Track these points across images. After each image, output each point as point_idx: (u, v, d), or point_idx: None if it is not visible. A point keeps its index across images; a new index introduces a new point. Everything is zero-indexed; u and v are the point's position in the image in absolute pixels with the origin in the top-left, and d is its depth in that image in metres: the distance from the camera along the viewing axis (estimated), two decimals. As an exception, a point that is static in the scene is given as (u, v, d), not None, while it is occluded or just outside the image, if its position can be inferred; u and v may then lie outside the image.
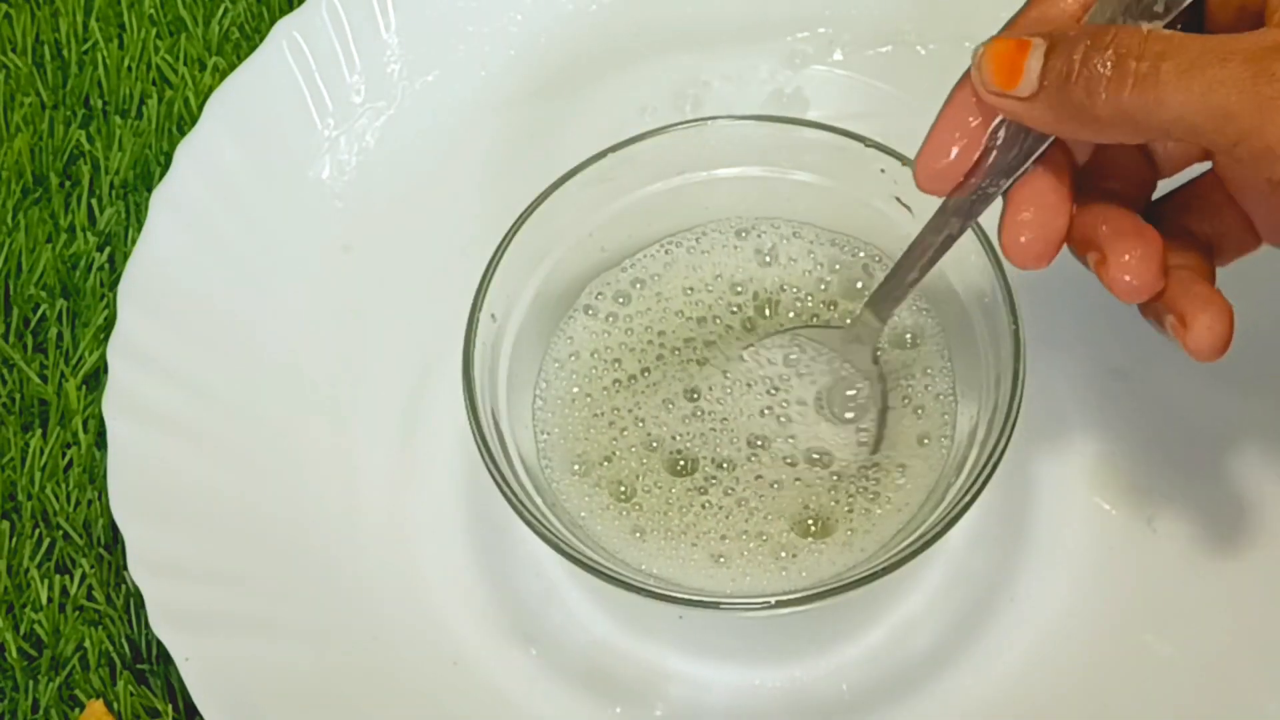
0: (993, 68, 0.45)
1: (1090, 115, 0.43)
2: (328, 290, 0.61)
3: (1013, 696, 0.53)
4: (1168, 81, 0.42)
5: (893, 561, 0.49)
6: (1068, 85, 0.43)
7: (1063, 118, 0.44)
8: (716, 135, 0.56)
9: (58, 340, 0.62)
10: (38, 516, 0.59)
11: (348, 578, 0.56)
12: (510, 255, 0.54)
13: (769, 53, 0.66)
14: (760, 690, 0.54)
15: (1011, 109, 0.45)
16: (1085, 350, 0.59)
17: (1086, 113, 0.43)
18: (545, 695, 0.54)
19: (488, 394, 0.53)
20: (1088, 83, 0.43)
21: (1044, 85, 0.44)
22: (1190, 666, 0.53)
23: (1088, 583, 0.55)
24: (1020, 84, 0.44)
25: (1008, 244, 0.47)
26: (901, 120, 0.62)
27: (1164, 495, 0.56)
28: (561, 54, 0.66)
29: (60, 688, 0.56)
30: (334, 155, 0.63)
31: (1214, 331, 0.46)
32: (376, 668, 0.54)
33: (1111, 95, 0.43)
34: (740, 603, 0.50)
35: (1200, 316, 0.46)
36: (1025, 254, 0.47)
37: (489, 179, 0.63)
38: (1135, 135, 0.45)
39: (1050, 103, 0.44)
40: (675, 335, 0.56)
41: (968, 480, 0.50)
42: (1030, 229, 0.47)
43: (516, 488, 0.51)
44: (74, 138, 0.67)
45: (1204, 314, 0.46)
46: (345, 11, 0.64)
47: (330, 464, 0.58)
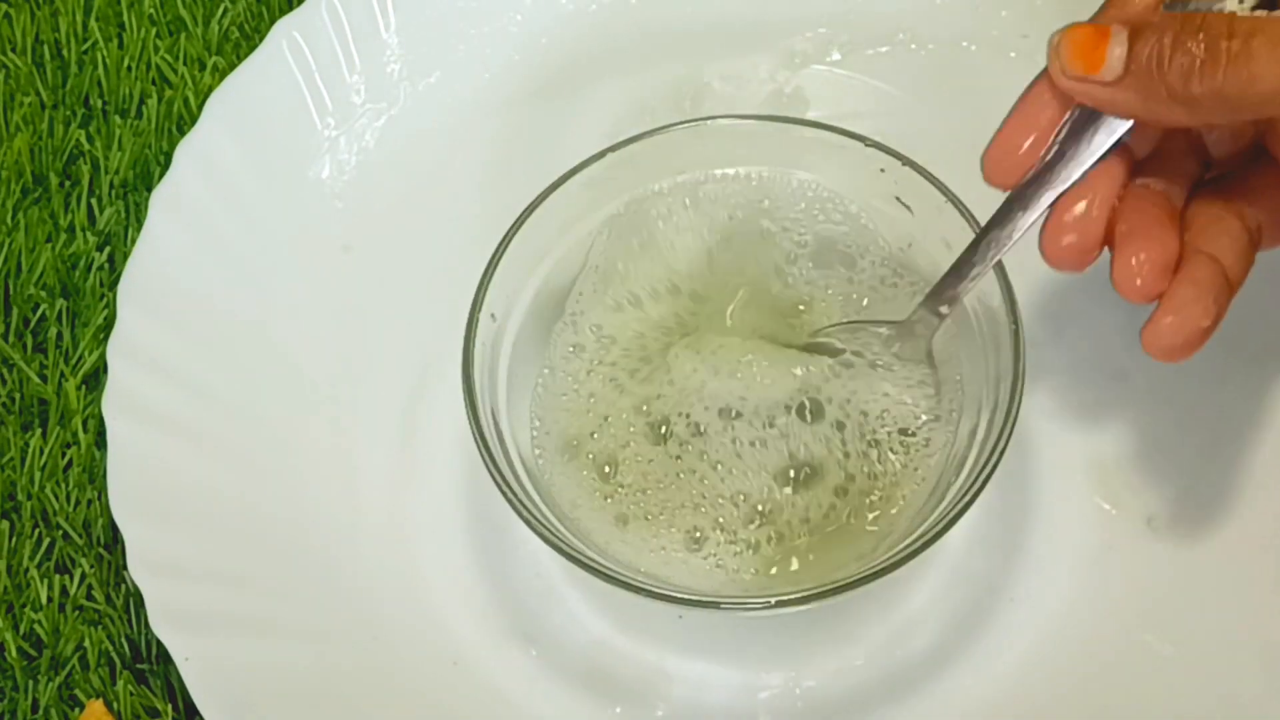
0: (1071, 53, 0.46)
1: (1183, 97, 0.44)
2: (328, 290, 0.61)
3: (1013, 696, 0.53)
4: (1261, 57, 0.42)
5: (893, 561, 0.49)
6: (1160, 68, 0.44)
7: (1152, 101, 0.45)
8: (716, 135, 0.56)
9: (58, 340, 0.62)
10: (38, 516, 0.59)
11: (348, 578, 0.56)
12: (510, 255, 0.54)
13: (769, 52, 0.66)
14: (760, 690, 0.54)
15: (1094, 94, 0.46)
16: (1085, 350, 0.59)
17: (1179, 95, 0.44)
18: (545, 695, 0.54)
19: (487, 394, 0.53)
20: (1182, 64, 0.43)
21: (1130, 69, 0.45)
22: (1190, 666, 0.53)
23: (1088, 583, 0.55)
24: (1104, 69, 0.45)
25: (1049, 245, 0.47)
26: (901, 120, 0.62)
27: (1164, 495, 0.56)
28: (561, 54, 0.66)
29: (60, 687, 0.56)
30: (334, 155, 0.63)
31: (1172, 334, 0.46)
32: (376, 668, 0.54)
33: (1207, 75, 0.43)
34: (740, 602, 0.50)
35: (1167, 315, 0.46)
36: (1068, 257, 0.47)
37: (489, 179, 0.63)
38: (1228, 115, 0.45)
39: (1138, 86, 0.45)
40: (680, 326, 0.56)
41: (968, 480, 0.50)
42: (1074, 231, 0.47)
43: (517, 488, 0.51)
44: (74, 137, 0.67)
45: (1172, 315, 0.46)
46: (345, 11, 0.64)
47: (330, 464, 0.58)
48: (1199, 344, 0.46)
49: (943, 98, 0.64)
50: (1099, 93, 0.46)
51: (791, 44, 0.66)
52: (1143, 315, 0.58)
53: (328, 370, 0.60)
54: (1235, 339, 0.57)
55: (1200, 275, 0.46)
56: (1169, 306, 0.46)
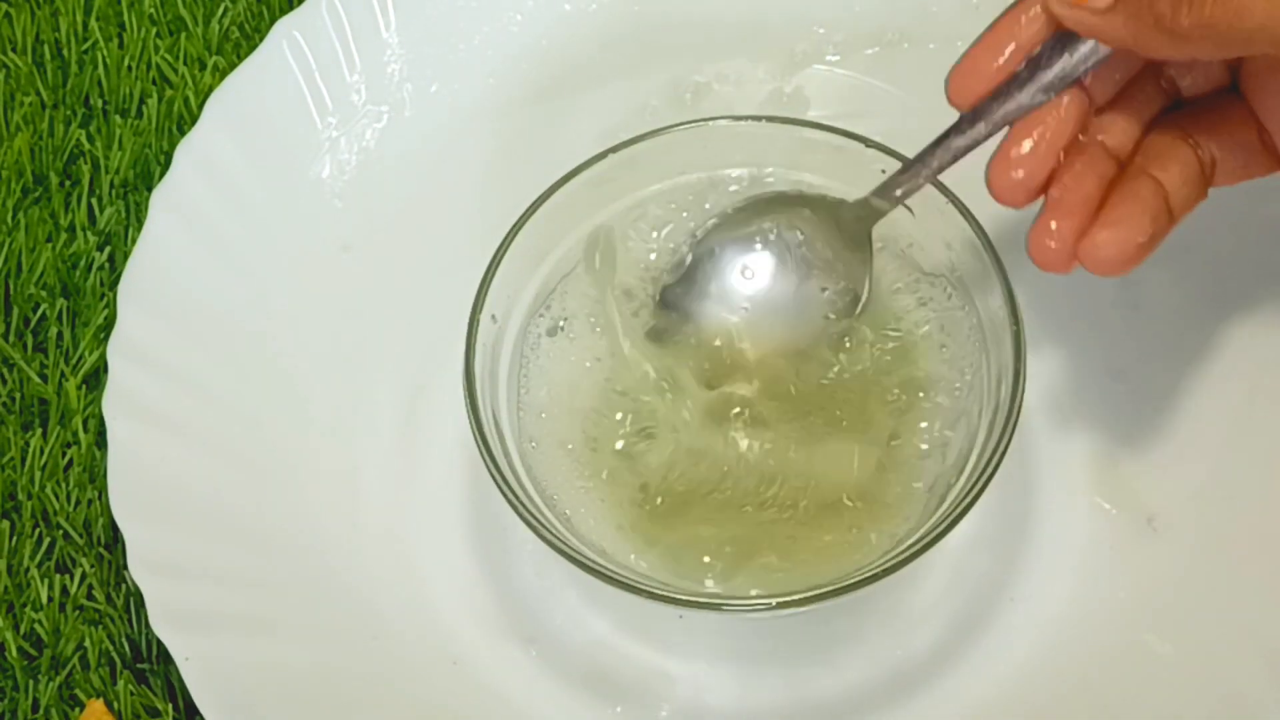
0: None
1: (1171, 27, 0.44)
2: (328, 290, 0.61)
3: (1014, 696, 0.53)
4: None
5: (894, 562, 0.49)
6: (1150, 1, 0.44)
7: (1141, 31, 0.45)
8: (717, 136, 0.56)
9: (58, 340, 0.62)
10: (38, 516, 0.59)
11: (348, 577, 0.56)
12: (511, 256, 0.54)
13: (768, 52, 0.66)
14: (761, 691, 0.54)
15: (1084, 21, 0.46)
16: (1085, 350, 0.59)
17: (1167, 25, 0.44)
18: (545, 695, 0.54)
19: (488, 394, 0.53)
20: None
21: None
22: (1191, 666, 0.53)
23: (1088, 582, 0.55)
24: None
25: (997, 175, 0.48)
26: (901, 120, 0.62)
27: (1164, 495, 0.56)
28: (561, 54, 0.66)
29: (60, 687, 0.56)
30: (334, 155, 0.63)
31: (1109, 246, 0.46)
32: (376, 668, 0.54)
33: (1195, 6, 0.43)
34: (741, 604, 0.50)
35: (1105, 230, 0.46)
36: (1013, 191, 0.48)
37: (489, 178, 0.63)
38: (1215, 49, 0.45)
39: (1128, 14, 0.45)
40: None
41: (969, 482, 0.50)
42: (1025, 165, 0.47)
43: (517, 488, 0.51)
44: (74, 137, 0.67)
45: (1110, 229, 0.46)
46: (345, 11, 0.64)
47: (330, 463, 0.58)
48: (1134, 260, 0.47)
49: (942, 98, 0.64)
50: (1089, 20, 0.46)
51: (791, 44, 0.66)
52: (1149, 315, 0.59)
53: (328, 370, 0.60)
54: (1236, 338, 0.57)
55: (1142, 193, 0.47)
56: (1106, 219, 0.47)
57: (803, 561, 0.52)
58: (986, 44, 0.49)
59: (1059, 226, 0.47)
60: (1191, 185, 0.48)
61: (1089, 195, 0.47)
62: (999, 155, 0.48)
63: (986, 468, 0.50)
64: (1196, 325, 0.58)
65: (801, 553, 0.52)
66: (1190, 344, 0.58)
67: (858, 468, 0.53)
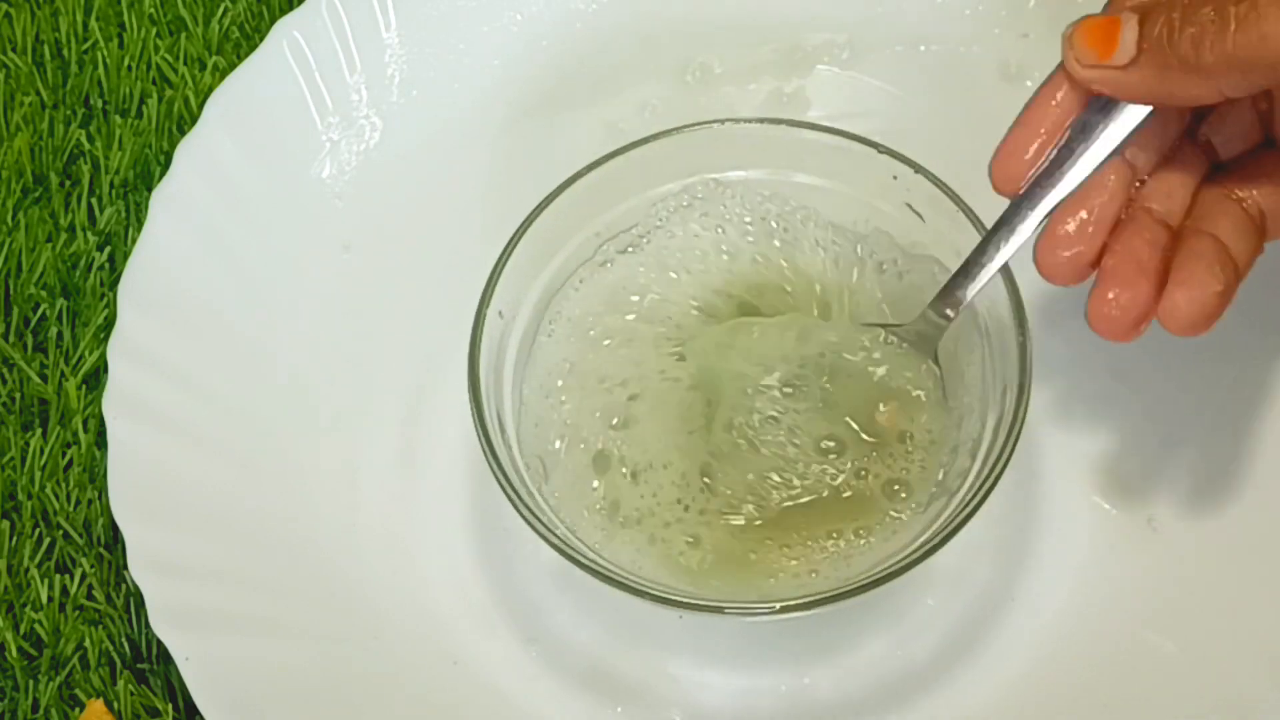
0: (1085, 42, 0.46)
1: (1196, 67, 0.44)
2: (328, 289, 0.61)
3: (1015, 696, 0.53)
4: (1270, 16, 0.43)
5: (896, 567, 0.49)
6: (1171, 43, 0.44)
7: (1167, 76, 0.45)
8: (726, 138, 0.56)
9: (58, 340, 0.62)
10: (38, 516, 0.59)
11: (348, 577, 0.56)
12: (518, 254, 0.54)
13: (769, 52, 0.66)
14: (762, 693, 0.54)
15: (1110, 80, 0.46)
16: (1085, 351, 0.58)
17: (1192, 66, 0.44)
18: (545, 695, 0.54)
19: (493, 393, 0.53)
20: (1193, 35, 0.44)
21: (1143, 49, 0.45)
22: (1192, 665, 0.53)
23: (1088, 582, 0.55)
24: (1117, 53, 0.46)
25: (1045, 255, 0.48)
26: (902, 120, 0.62)
27: (1164, 495, 0.56)
28: (562, 54, 0.66)
29: (60, 687, 0.56)
30: (334, 155, 0.63)
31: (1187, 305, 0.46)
32: (377, 667, 0.54)
33: (1217, 40, 0.43)
34: (743, 607, 0.49)
35: (1179, 290, 0.46)
36: (1062, 270, 0.48)
37: (488, 178, 0.63)
38: (1243, 81, 0.45)
39: (1153, 64, 0.45)
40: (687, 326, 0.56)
41: (971, 489, 0.50)
42: (1072, 244, 0.48)
43: (520, 488, 0.51)
44: (74, 137, 0.67)
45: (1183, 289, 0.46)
46: (345, 11, 0.64)
47: (331, 463, 0.58)
48: (1215, 314, 0.46)
49: (943, 98, 0.64)
50: (1114, 78, 0.46)
51: (792, 44, 0.66)
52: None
53: (328, 369, 0.60)
54: (1236, 339, 0.57)
55: (1204, 249, 0.47)
56: (1178, 279, 0.47)
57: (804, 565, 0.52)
58: (1023, 126, 0.49)
59: (1117, 296, 0.47)
60: (1246, 237, 0.48)
61: (1143, 261, 0.47)
62: (1045, 235, 0.48)
63: (989, 476, 0.50)
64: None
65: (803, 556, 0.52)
66: (1190, 345, 0.58)
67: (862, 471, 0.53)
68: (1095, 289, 0.47)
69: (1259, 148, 0.50)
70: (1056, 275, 0.48)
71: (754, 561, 0.52)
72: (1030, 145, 0.48)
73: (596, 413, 0.54)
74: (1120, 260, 0.47)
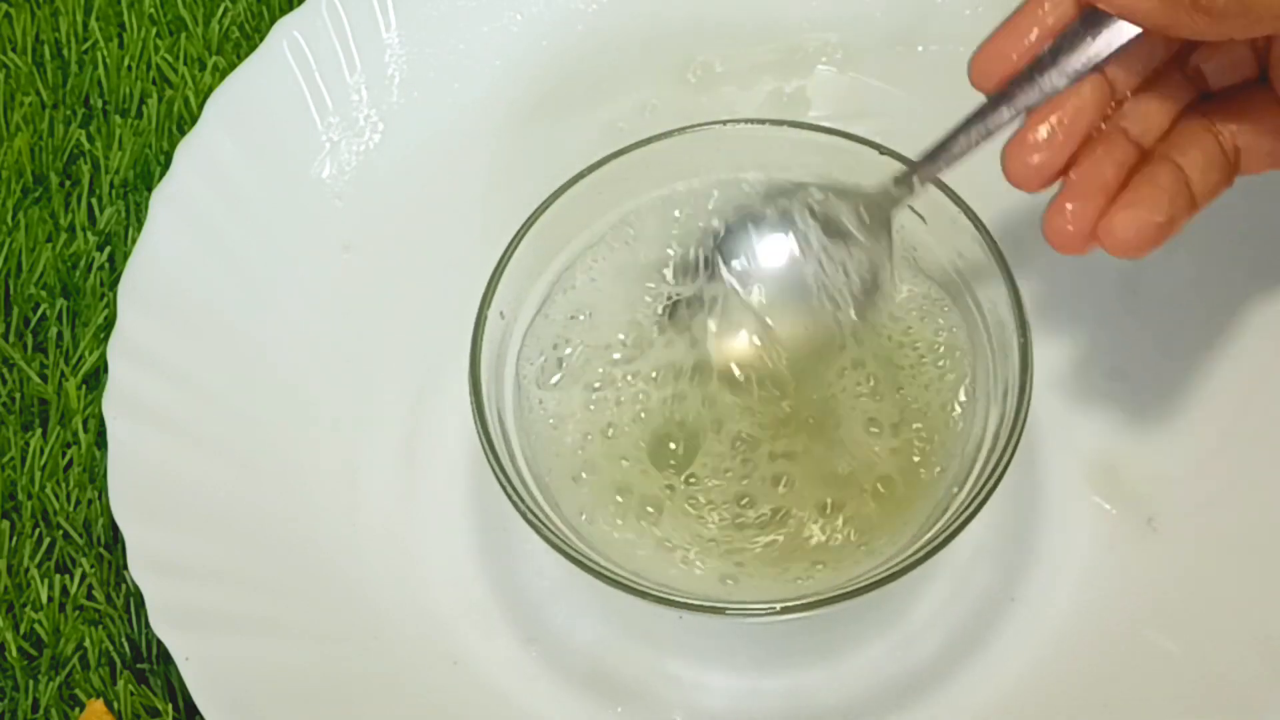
0: None
1: (1206, 7, 0.44)
2: (328, 289, 0.61)
3: (1016, 696, 0.53)
4: None
5: (896, 569, 0.49)
6: None
7: (1175, 9, 0.45)
8: (729, 139, 0.56)
9: (58, 340, 0.62)
10: (38, 516, 0.59)
11: (348, 577, 0.56)
12: (519, 255, 0.54)
13: (769, 53, 0.66)
14: (762, 693, 0.54)
15: (1118, 1, 0.46)
16: (1085, 350, 0.59)
17: (1202, 5, 0.44)
18: (545, 695, 0.54)
19: (494, 393, 0.53)
20: None
21: None
22: (1192, 664, 0.53)
23: (1088, 582, 0.55)
24: None
25: (1013, 159, 0.48)
26: (902, 120, 0.62)
27: (1164, 495, 0.56)
28: (562, 55, 0.66)
29: (60, 687, 0.56)
30: (334, 155, 0.63)
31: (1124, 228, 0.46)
32: (377, 667, 0.54)
33: None
34: (744, 608, 0.49)
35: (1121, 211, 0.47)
36: (1028, 176, 0.48)
37: (489, 178, 0.63)
38: (1251, 26, 0.45)
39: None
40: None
41: (972, 491, 0.50)
42: (1041, 150, 0.47)
43: (521, 490, 0.51)
44: (74, 137, 0.67)
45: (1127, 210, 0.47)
46: (345, 11, 0.64)
47: (331, 462, 0.58)
48: (1153, 241, 0.47)
49: (942, 98, 0.63)
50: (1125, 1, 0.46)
51: (792, 45, 0.66)
52: (1149, 316, 0.59)
53: (329, 369, 0.60)
54: (1236, 339, 0.57)
55: (1161, 177, 0.47)
56: (1124, 200, 0.47)
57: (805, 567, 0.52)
58: (1010, 28, 0.49)
59: (1074, 208, 0.47)
60: (1214, 171, 0.48)
61: (1107, 180, 0.47)
62: (1015, 140, 0.48)
63: (990, 477, 0.50)
64: (1197, 326, 0.58)
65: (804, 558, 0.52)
66: (1190, 344, 0.58)
67: (863, 473, 0.53)
68: (1055, 199, 0.47)
69: (1249, 82, 0.50)
70: (1021, 179, 0.48)
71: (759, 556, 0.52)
72: (1015, 47, 0.48)
73: (599, 412, 0.54)
74: (1084, 175, 0.47)
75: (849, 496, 0.52)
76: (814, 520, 0.52)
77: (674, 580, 0.52)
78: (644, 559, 0.52)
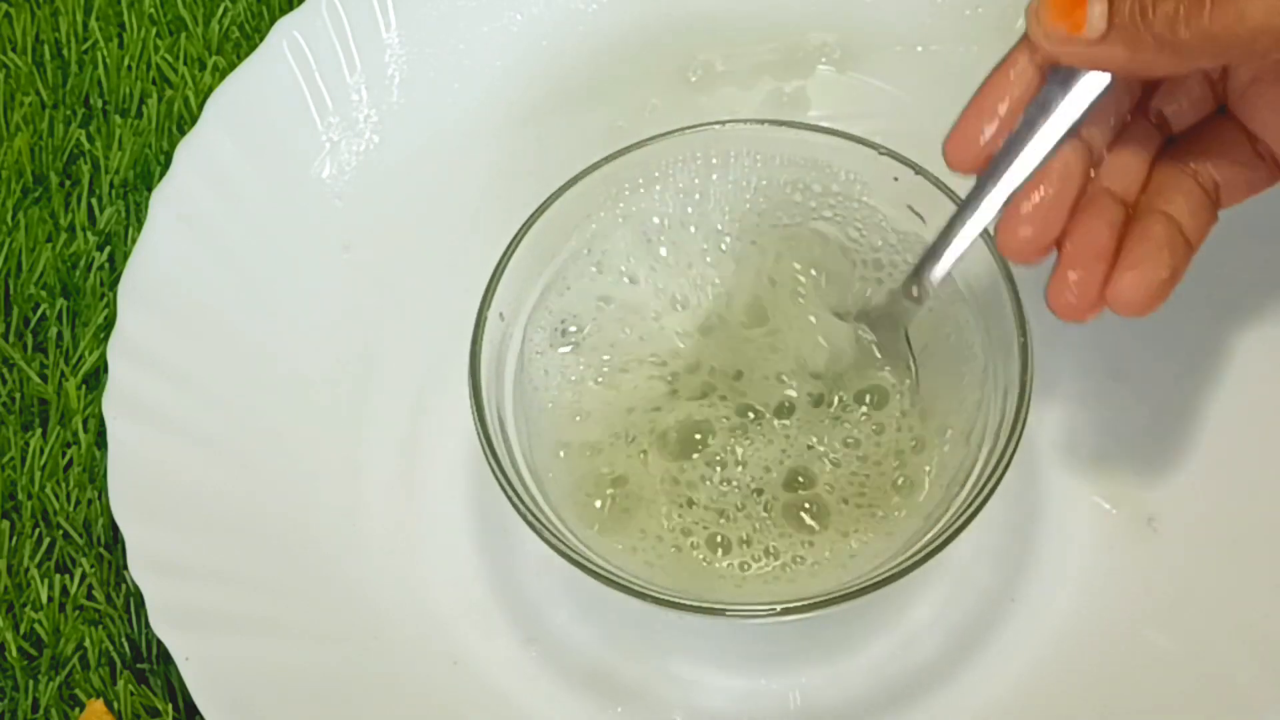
0: (1053, 15, 0.46)
1: (1171, 43, 0.44)
2: (328, 289, 0.61)
3: (1017, 696, 0.53)
4: None
5: (896, 570, 0.49)
6: (1145, 19, 0.44)
7: (1139, 52, 0.45)
8: (729, 139, 0.56)
9: (58, 340, 0.62)
10: (38, 516, 0.59)
11: (348, 577, 0.56)
12: (519, 256, 0.54)
13: (769, 53, 0.66)
14: (762, 694, 0.54)
15: (1079, 53, 0.46)
16: (1085, 351, 0.59)
17: (1167, 41, 0.44)
18: (545, 695, 0.54)
19: (494, 394, 0.53)
20: (1166, 11, 0.43)
21: (1114, 24, 0.45)
22: (1192, 664, 0.53)
23: (1088, 582, 0.55)
24: (1087, 27, 0.45)
25: (1005, 235, 0.48)
26: (902, 120, 0.62)
27: (1164, 495, 0.56)
28: (562, 55, 0.66)
29: (60, 687, 0.56)
30: (334, 155, 0.63)
31: (1131, 289, 0.47)
32: (377, 668, 0.54)
33: (1193, 19, 0.43)
34: (745, 609, 0.49)
35: (1126, 273, 0.47)
36: (1022, 249, 0.48)
37: (489, 178, 0.63)
38: (1217, 56, 0.45)
39: (1125, 39, 0.45)
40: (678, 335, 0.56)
41: (972, 492, 0.50)
42: (1032, 223, 0.47)
43: (521, 490, 0.51)
44: (74, 137, 0.67)
45: (1129, 272, 0.47)
46: (345, 11, 0.64)
47: (331, 462, 0.58)
48: (1161, 297, 0.47)
49: (942, 98, 0.63)
50: (1085, 51, 0.46)
51: (792, 45, 0.66)
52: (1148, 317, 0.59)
53: (329, 369, 0.60)
54: (1236, 339, 0.57)
55: (1155, 231, 0.47)
56: (1127, 262, 0.47)
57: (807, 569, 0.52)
58: (977, 106, 0.48)
59: (1076, 278, 0.47)
60: (1200, 213, 0.48)
61: (1102, 244, 0.47)
62: (1006, 216, 0.48)
63: (990, 477, 0.50)
64: (1197, 326, 0.58)
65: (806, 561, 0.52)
66: (1190, 344, 0.58)
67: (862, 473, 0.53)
68: (1055, 272, 0.47)
69: (1210, 117, 0.50)
70: (1017, 255, 0.48)
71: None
72: (985, 125, 0.48)
73: (599, 412, 0.54)
74: (1078, 244, 0.47)
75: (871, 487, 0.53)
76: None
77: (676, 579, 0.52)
78: (642, 559, 0.52)
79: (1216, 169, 0.49)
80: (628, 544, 0.52)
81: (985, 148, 0.48)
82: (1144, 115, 0.50)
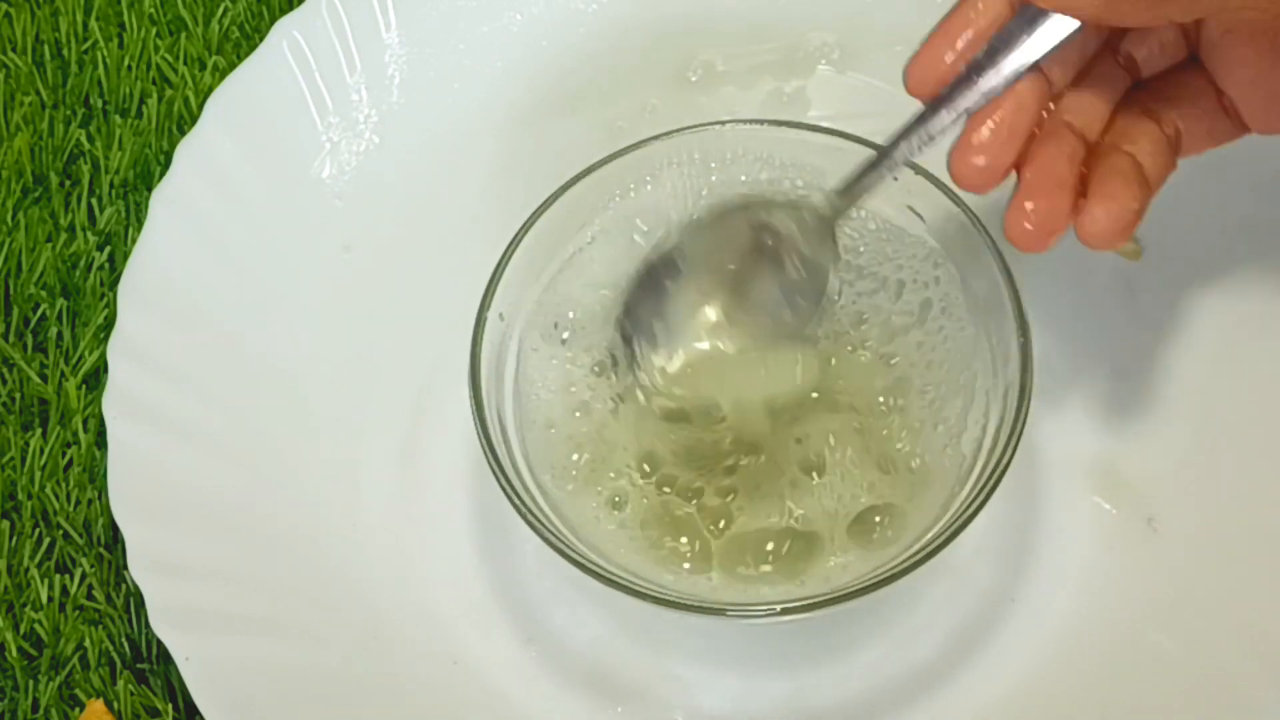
0: None
1: None
2: (328, 289, 0.61)
3: (1015, 696, 0.53)
4: None
5: (897, 570, 0.49)
6: None
7: (1114, 1, 0.44)
8: (728, 140, 0.56)
9: (58, 340, 0.62)
10: (38, 516, 0.59)
11: (348, 577, 0.56)
12: (518, 256, 0.54)
13: (769, 53, 0.66)
14: (762, 694, 0.54)
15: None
16: (1085, 351, 0.59)
17: None
18: (545, 695, 0.54)
19: (494, 394, 0.53)
20: None
21: None
22: (1193, 664, 0.53)
23: (1088, 582, 0.55)
24: None
25: (958, 162, 0.47)
26: (901, 120, 0.62)
27: (1164, 495, 0.56)
28: (562, 55, 0.66)
29: (60, 687, 0.56)
30: (334, 155, 0.63)
31: (1106, 218, 0.46)
32: (377, 667, 0.54)
33: None
34: (745, 609, 0.49)
35: (1099, 205, 0.46)
36: (974, 178, 0.48)
37: (489, 178, 0.63)
38: (1188, 8, 0.45)
39: None
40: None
41: (972, 492, 0.50)
42: (985, 152, 0.47)
43: (521, 491, 0.51)
44: (74, 137, 0.67)
45: (1103, 204, 0.46)
46: (345, 11, 0.64)
47: (331, 462, 0.58)
48: (1128, 230, 0.47)
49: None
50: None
51: (792, 45, 0.66)
52: (1148, 316, 0.59)
53: (329, 370, 0.60)
54: (1236, 339, 0.57)
55: (1122, 167, 0.47)
56: (1100, 193, 0.47)
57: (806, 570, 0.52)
58: (943, 33, 0.48)
59: (1034, 207, 0.47)
60: (1161, 157, 0.48)
61: (1061, 175, 0.47)
62: (960, 143, 0.48)
63: (990, 477, 0.50)
64: (1197, 326, 0.58)
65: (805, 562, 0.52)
66: (1191, 344, 0.58)
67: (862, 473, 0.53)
68: (1014, 200, 0.47)
69: (1180, 65, 0.50)
70: (969, 183, 0.48)
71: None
72: (948, 51, 0.48)
73: (599, 412, 0.54)
74: (1039, 173, 0.47)
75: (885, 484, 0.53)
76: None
77: (673, 582, 0.52)
78: (642, 560, 0.52)
79: (1180, 116, 0.49)
80: (630, 542, 0.52)
81: (945, 73, 0.48)
82: (1113, 57, 0.50)
